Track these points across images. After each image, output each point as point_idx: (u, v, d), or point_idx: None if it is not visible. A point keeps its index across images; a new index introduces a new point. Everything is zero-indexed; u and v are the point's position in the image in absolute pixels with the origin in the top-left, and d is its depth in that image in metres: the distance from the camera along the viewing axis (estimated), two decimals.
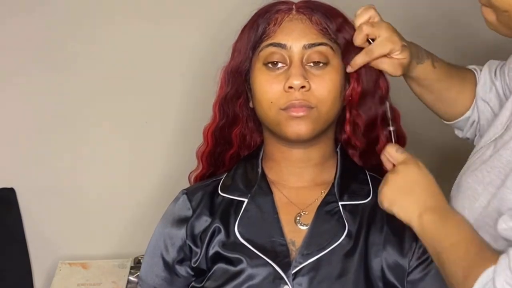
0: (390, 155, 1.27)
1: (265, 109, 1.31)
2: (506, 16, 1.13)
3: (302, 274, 1.26)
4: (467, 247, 1.13)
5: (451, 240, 1.15)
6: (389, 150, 1.27)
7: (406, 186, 1.22)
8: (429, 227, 1.18)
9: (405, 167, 1.23)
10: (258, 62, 1.32)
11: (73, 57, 1.90)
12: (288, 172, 1.37)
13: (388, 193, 1.24)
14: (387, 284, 1.28)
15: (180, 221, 1.37)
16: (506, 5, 1.11)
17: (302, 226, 1.32)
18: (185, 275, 1.36)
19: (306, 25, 1.32)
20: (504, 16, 1.13)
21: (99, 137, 1.93)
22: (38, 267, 1.93)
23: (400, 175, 1.23)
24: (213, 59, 1.42)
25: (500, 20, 1.15)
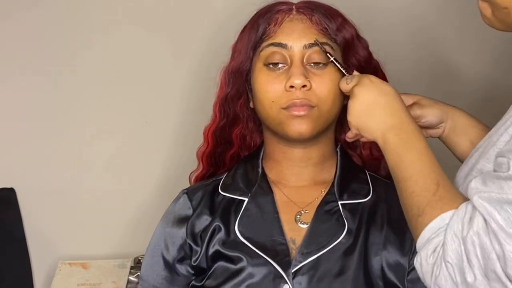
0: (343, 88, 1.28)
1: (266, 108, 1.31)
2: (504, 13, 1.12)
3: (302, 273, 1.27)
4: (425, 181, 1.11)
5: (409, 171, 1.13)
6: (340, 85, 1.28)
7: (365, 108, 1.21)
8: (389, 150, 1.18)
9: (360, 89, 1.23)
10: (259, 62, 1.33)
11: (73, 57, 1.89)
12: (289, 172, 1.38)
13: (352, 120, 1.23)
14: (387, 283, 1.29)
15: (180, 220, 1.37)
16: (506, 2, 1.10)
17: (302, 225, 1.32)
18: (186, 274, 1.36)
19: (306, 25, 1.33)
20: (502, 12, 1.12)
21: (99, 137, 1.93)
22: (38, 267, 1.92)
23: (356, 98, 1.22)
24: (214, 59, 1.43)
25: (496, 15, 1.14)
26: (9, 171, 1.92)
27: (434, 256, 1.04)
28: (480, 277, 1.00)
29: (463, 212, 1.04)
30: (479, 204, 1.02)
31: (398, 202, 1.34)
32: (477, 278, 1.00)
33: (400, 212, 1.32)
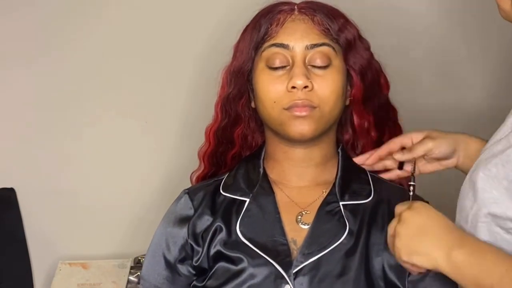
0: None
1: (268, 109, 1.31)
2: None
3: (303, 274, 1.26)
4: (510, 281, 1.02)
5: (499, 271, 1.04)
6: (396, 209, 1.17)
7: (418, 232, 1.10)
8: (464, 265, 1.06)
9: (410, 213, 1.12)
10: (261, 62, 1.33)
11: (73, 57, 1.90)
12: (290, 172, 1.38)
13: (402, 245, 1.11)
14: (388, 283, 1.28)
15: (181, 220, 1.37)
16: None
17: (304, 225, 1.32)
18: (187, 274, 1.36)
19: (308, 26, 1.33)
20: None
21: (99, 136, 1.93)
22: (38, 267, 1.93)
23: (407, 223, 1.11)
24: (215, 58, 1.42)
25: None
26: (9, 171, 1.92)
27: None
28: None
29: None
30: None
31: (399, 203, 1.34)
32: None
33: None
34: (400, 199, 1.35)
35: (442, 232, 1.09)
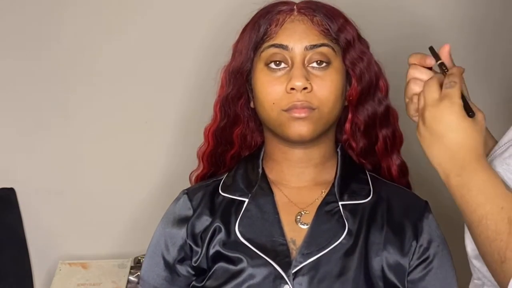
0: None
1: (267, 110, 1.31)
2: None
3: (302, 274, 1.26)
4: (496, 224, 1.05)
5: (477, 214, 1.07)
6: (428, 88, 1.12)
7: (433, 138, 1.10)
8: (453, 190, 1.10)
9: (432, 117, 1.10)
10: (260, 63, 1.33)
11: (73, 57, 1.90)
12: (289, 172, 1.38)
13: (426, 134, 1.11)
14: (387, 283, 1.28)
15: (180, 220, 1.37)
16: None
17: (303, 225, 1.32)
18: (186, 275, 1.36)
19: (307, 26, 1.32)
20: None
21: (99, 136, 1.93)
22: (38, 267, 1.93)
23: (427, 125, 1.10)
24: (215, 58, 1.42)
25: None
26: (9, 171, 1.92)
27: None
28: None
29: None
30: None
31: (398, 203, 1.35)
32: None
33: (400, 213, 1.33)
34: (399, 199, 1.36)
35: (449, 153, 1.09)
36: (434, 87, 1.12)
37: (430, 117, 1.10)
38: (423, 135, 1.12)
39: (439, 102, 1.10)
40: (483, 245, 1.07)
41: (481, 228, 1.06)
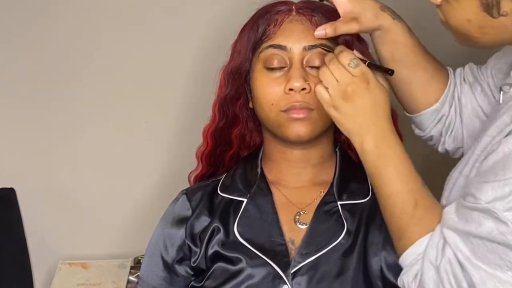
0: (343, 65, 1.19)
1: (265, 110, 1.31)
2: (465, 39, 1.12)
3: (301, 274, 1.27)
4: (403, 202, 1.13)
5: (388, 189, 1.14)
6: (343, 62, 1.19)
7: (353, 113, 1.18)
8: (368, 160, 1.17)
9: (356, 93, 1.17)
10: (258, 63, 1.33)
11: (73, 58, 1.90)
12: (288, 172, 1.38)
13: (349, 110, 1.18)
14: (386, 283, 1.29)
15: (179, 221, 1.37)
16: (463, 30, 1.10)
17: (302, 225, 1.32)
18: (185, 275, 1.36)
19: (306, 27, 1.32)
20: (463, 38, 1.12)
21: (99, 136, 1.93)
22: (38, 267, 1.93)
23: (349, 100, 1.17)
24: (214, 59, 1.42)
25: (460, 39, 1.14)
26: (9, 171, 1.93)
27: (416, 283, 1.09)
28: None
29: (437, 238, 1.09)
30: (449, 235, 1.07)
31: None
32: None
33: None
34: None
35: (370, 120, 1.17)
36: (340, 70, 1.19)
37: (353, 93, 1.17)
38: (345, 111, 1.17)
39: (356, 79, 1.17)
40: (388, 217, 1.15)
41: (389, 202, 1.14)
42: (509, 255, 1.02)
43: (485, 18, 1.05)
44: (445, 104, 1.35)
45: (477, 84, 1.35)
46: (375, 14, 1.29)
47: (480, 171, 1.08)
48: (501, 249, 1.02)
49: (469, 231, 1.04)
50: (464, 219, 1.05)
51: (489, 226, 1.02)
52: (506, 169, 1.02)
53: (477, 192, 1.04)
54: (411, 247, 1.10)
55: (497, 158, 1.04)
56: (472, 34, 1.09)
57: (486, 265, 1.03)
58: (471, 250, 1.04)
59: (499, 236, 1.01)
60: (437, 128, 1.37)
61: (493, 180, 1.02)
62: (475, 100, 1.35)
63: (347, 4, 1.28)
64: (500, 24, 1.05)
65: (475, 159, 1.14)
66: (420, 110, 1.36)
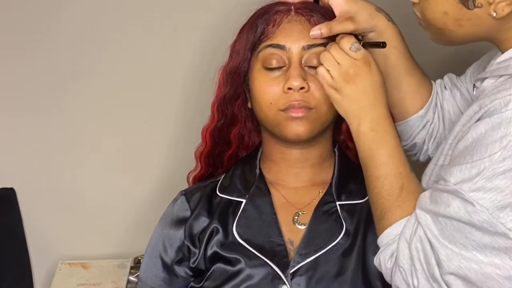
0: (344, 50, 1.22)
1: (264, 110, 1.31)
2: (441, 34, 1.17)
3: (300, 274, 1.27)
4: (391, 185, 1.17)
5: (379, 171, 1.18)
6: (342, 45, 1.22)
7: (355, 96, 1.21)
8: (363, 142, 1.21)
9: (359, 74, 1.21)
10: (257, 63, 1.33)
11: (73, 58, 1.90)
12: (286, 172, 1.38)
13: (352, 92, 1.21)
14: (385, 283, 1.27)
15: (178, 221, 1.37)
16: (440, 24, 1.15)
17: (300, 226, 1.32)
18: (184, 276, 1.36)
19: (304, 26, 1.32)
20: (439, 33, 1.17)
21: (99, 136, 1.93)
22: (38, 267, 1.93)
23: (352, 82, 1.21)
24: (214, 59, 1.42)
25: (435, 35, 1.19)
26: (9, 171, 1.93)
27: (391, 261, 1.14)
28: (423, 280, 1.10)
29: (413, 219, 1.13)
30: (420, 215, 1.11)
31: None
32: (420, 281, 1.10)
33: None
34: None
35: (370, 104, 1.20)
36: (342, 54, 1.22)
37: (355, 75, 1.20)
38: (347, 92, 1.21)
39: (358, 62, 1.21)
40: (374, 198, 1.19)
41: (377, 184, 1.18)
42: (474, 235, 1.06)
43: (461, 10, 1.11)
44: (429, 110, 1.40)
45: (457, 90, 1.41)
46: (370, 14, 1.33)
47: (453, 156, 1.13)
48: (467, 229, 1.06)
49: (438, 211, 1.09)
50: (435, 201, 1.10)
51: (456, 206, 1.06)
52: (473, 153, 1.06)
53: (446, 175, 1.09)
54: (390, 228, 1.15)
55: (466, 143, 1.09)
56: (448, 27, 1.14)
57: (452, 244, 1.07)
58: (440, 229, 1.08)
59: (465, 215, 1.05)
60: (421, 135, 1.42)
61: (462, 163, 1.07)
62: (456, 105, 1.40)
63: (343, 4, 1.31)
64: (475, 16, 1.11)
65: (448, 148, 1.18)
66: (406, 117, 1.41)
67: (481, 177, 1.04)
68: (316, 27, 1.29)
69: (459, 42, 1.18)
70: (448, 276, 1.07)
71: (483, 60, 1.35)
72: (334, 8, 1.32)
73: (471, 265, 1.06)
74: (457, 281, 1.07)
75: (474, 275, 1.06)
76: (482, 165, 1.04)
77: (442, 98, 1.41)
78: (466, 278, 1.06)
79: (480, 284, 1.06)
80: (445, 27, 1.14)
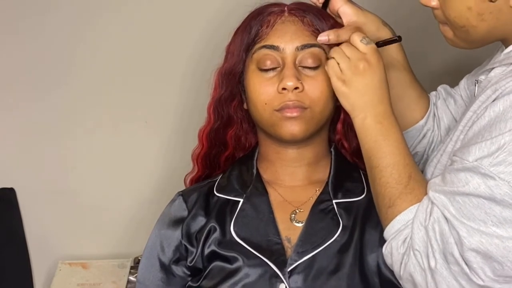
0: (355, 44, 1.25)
1: (259, 110, 1.32)
2: (463, 32, 1.18)
3: (298, 272, 1.27)
4: (400, 174, 1.19)
5: (386, 161, 1.20)
6: (354, 41, 1.26)
7: (362, 89, 1.23)
8: (368, 135, 1.23)
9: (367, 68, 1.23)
10: (252, 64, 1.33)
11: (73, 58, 1.90)
12: (283, 172, 1.38)
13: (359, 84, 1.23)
14: (383, 279, 1.29)
15: (175, 222, 1.38)
16: (463, 21, 1.17)
17: (298, 223, 1.32)
18: (182, 275, 1.37)
19: (298, 27, 1.33)
20: (461, 31, 1.19)
21: (99, 137, 1.94)
22: (38, 267, 1.93)
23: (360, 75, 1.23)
24: (213, 60, 1.42)
25: (457, 35, 1.20)
26: (9, 171, 1.93)
27: (404, 246, 1.14)
28: (441, 260, 1.10)
29: (426, 203, 1.14)
30: (435, 197, 1.12)
31: None
32: (438, 261, 1.10)
33: None
34: None
35: (378, 98, 1.23)
36: (352, 49, 1.25)
37: (364, 69, 1.23)
38: (355, 85, 1.23)
39: (367, 56, 1.23)
40: (379, 186, 1.21)
41: (384, 173, 1.20)
42: (494, 210, 1.06)
43: (484, 4, 1.13)
44: (429, 119, 1.43)
45: (450, 98, 1.44)
46: (377, 27, 1.36)
47: (466, 139, 1.14)
48: (487, 204, 1.07)
49: (456, 190, 1.09)
50: (450, 181, 1.11)
51: (476, 182, 1.07)
52: (492, 129, 1.07)
53: (463, 155, 1.10)
54: (401, 214, 1.16)
55: (483, 123, 1.10)
56: (471, 23, 1.16)
57: (471, 221, 1.08)
58: (457, 208, 1.09)
59: (486, 190, 1.06)
60: (422, 144, 1.44)
61: (480, 141, 1.08)
62: (450, 113, 1.43)
63: (352, 15, 1.34)
64: (497, 9, 1.13)
65: (458, 134, 1.20)
66: (407, 127, 1.43)
67: (502, 151, 1.05)
68: (324, 33, 1.31)
69: (478, 40, 1.19)
70: (468, 253, 1.07)
71: (476, 70, 1.38)
72: (343, 17, 1.35)
73: (493, 239, 1.06)
74: (477, 258, 1.07)
75: (496, 250, 1.06)
76: (503, 140, 1.06)
77: (437, 107, 1.44)
78: (487, 253, 1.07)
79: (501, 259, 1.06)
80: (468, 23, 1.16)
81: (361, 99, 1.23)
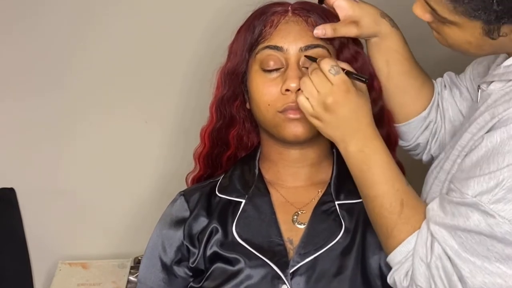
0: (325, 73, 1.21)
1: (262, 111, 1.31)
2: (462, 52, 1.15)
3: (300, 273, 1.27)
4: (390, 203, 1.17)
5: (374, 191, 1.18)
6: (324, 67, 1.21)
7: (336, 121, 1.20)
8: (352, 163, 1.21)
9: (338, 102, 1.20)
10: (255, 64, 1.33)
11: (73, 58, 1.90)
12: (285, 172, 1.38)
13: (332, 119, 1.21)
14: (385, 282, 1.28)
15: (177, 222, 1.37)
16: (461, 49, 1.14)
17: (300, 225, 1.32)
18: (183, 276, 1.36)
19: (302, 27, 1.32)
20: (459, 51, 1.16)
21: (99, 136, 1.93)
22: (38, 267, 1.93)
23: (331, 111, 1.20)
24: (214, 59, 1.42)
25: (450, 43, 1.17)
26: (9, 171, 1.93)
27: (407, 280, 1.14)
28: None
29: (425, 235, 1.13)
30: (436, 231, 1.11)
31: None
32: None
33: None
34: None
35: (353, 125, 1.20)
36: (321, 80, 1.20)
37: (333, 104, 1.19)
38: (328, 120, 1.20)
39: (335, 88, 1.19)
40: (375, 218, 1.20)
41: (376, 204, 1.19)
42: (496, 247, 1.06)
43: (485, 39, 1.10)
44: (431, 111, 1.40)
45: (456, 89, 1.41)
46: (374, 20, 1.33)
47: (463, 167, 1.12)
48: (488, 241, 1.06)
49: (457, 225, 1.08)
50: (451, 214, 1.09)
51: (477, 219, 1.06)
52: (490, 162, 1.06)
53: (463, 187, 1.08)
54: (400, 246, 1.15)
55: (480, 153, 1.08)
56: (469, 52, 1.14)
57: (474, 257, 1.07)
58: (460, 243, 1.08)
59: (486, 228, 1.05)
60: (424, 135, 1.42)
61: (478, 175, 1.06)
62: (455, 105, 1.40)
63: (348, 9, 1.31)
64: (499, 42, 1.10)
65: (456, 155, 1.18)
66: (409, 118, 1.40)
67: (500, 188, 1.04)
68: (320, 27, 1.30)
69: (477, 57, 1.20)
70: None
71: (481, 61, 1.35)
72: (339, 11, 1.32)
73: (496, 279, 1.06)
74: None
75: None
76: (501, 176, 1.04)
77: (442, 97, 1.41)
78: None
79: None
80: (467, 52, 1.15)
81: (337, 132, 1.21)
